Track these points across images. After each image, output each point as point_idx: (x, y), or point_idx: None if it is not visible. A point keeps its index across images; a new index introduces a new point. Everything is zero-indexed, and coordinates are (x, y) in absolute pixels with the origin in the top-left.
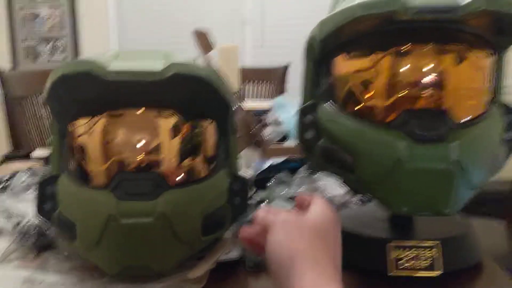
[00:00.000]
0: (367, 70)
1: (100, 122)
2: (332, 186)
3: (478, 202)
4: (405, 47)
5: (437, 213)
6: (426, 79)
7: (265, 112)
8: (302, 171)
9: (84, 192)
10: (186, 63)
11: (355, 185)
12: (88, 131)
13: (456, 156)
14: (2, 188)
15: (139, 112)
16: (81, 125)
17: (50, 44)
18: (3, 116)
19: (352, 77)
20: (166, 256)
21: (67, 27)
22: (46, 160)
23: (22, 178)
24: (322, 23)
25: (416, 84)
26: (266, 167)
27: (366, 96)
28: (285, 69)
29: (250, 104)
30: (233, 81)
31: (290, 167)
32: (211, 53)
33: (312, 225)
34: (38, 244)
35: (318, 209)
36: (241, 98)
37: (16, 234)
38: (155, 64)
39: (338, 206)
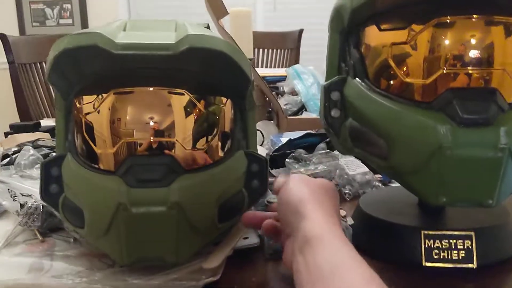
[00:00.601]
0: (405, 43)
1: (108, 100)
2: (352, 164)
3: None
4: (448, 18)
5: (480, 205)
6: (472, 54)
7: (279, 80)
8: (321, 148)
9: (92, 176)
10: (202, 35)
11: (387, 172)
12: (95, 110)
13: (506, 143)
14: (7, 163)
15: (150, 89)
16: (87, 103)
17: (57, 8)
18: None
19: (387, 50)
20: (180, 246)
21: None
22: (52, 131)
23: (28, 153)
24: None
25: (460, 59)
26: (283, 143)
27: (403, 72)
28: (300, 33)
29: (264, 71)
30: (246, 49)
31: (308, 142)
32: (224, 19)
33: (316, 181)
34: (45, 227)
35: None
36: (254, 65)
37: (22, 216)
38: (168, 37)
39: (360, 185)
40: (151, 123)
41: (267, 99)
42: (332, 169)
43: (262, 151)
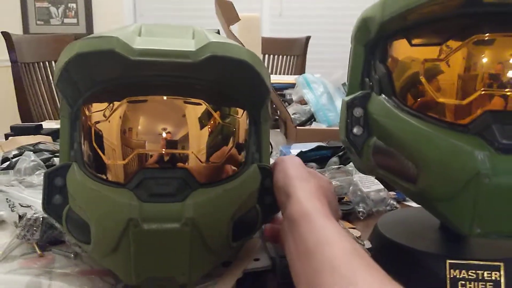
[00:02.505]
0: (439, 60)
1: (120, 108)
2: (367, 181)
3: None
4: (488, 35)
5: None
6: None
7: (287, 87)
8: (333, 162)
9: (101, 189)
10: (223, 43)
11: (415, 197)
12: (106, 118)
13: None
14: (7, 167)
15: (165, 98)
16: (97, 111)
17: (62, 7)
18: (7, 84)
19: (419, 67)
20: (193, 266)
21: None
22: (54, 134)
23: (29, 159)
24: (386, 2)
25: (498, 80)
26: (294, 155)
27: (436, 91)
28: (307, 40)
29: (272, 78)
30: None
31: (319, 155)
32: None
33: (309, 169)
34: (44, 239)
35: None
36: None
37: (20, 228)
38: (187, 44)
39: (374, 203)
40: (165, 134)
41: (273, 106)
42: (346, 185)
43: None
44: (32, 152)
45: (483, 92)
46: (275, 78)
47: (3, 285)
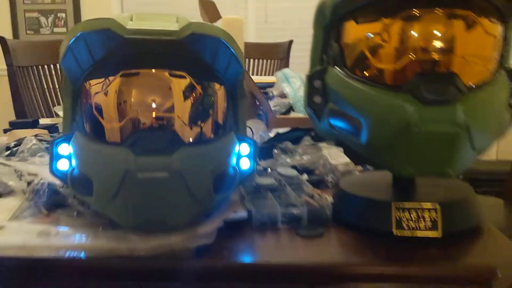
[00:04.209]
0: (377, 35)
1: (116, 81)
2: (335, 155)
3: (481, 181)
4: (415, 11)
5: (442, 175)
6: (435, 44)
7: (269, 86)
8: (306, 140)
9: (102, 148)
10: (202, 23)
11: (362, 149)
12: (105, 90)
13: (463, 119)
14: (9, 154)
15: (153, 71)
16: (97, 84)
17: (52, 16)
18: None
19: (362, 42)
20: (180, 210)
21: (69, 0)
22: (50, 128)
23: (31, 143)
24: None
25: (425, 48)
26: (272, 136)
27: (376, 60)
28: (289, 44)
29: (254, 78)
30: None
31: (295, 136)
32: (217, 23)
33: None
34: (50, 202)
35: None
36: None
37: (28, 193)
38: (172, 25)
39: (342, 174)
40: (155, 101)
41: (257, 103)
42: (316, 159)
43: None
44: (33, 137)
45: (412, 58)
46: (260, 78)
47: (18, 232)
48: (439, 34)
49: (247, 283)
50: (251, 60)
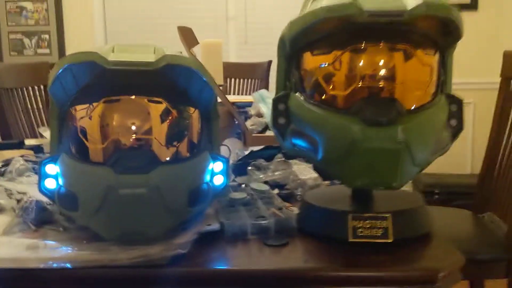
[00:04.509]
0: (329, 65)
1: (99, 106)
2: (304, 171)
3: (457, 194)
4: (361, 45)
5: (387, 187)
6: (379, 73)
7: (248, 105)
8: (278, 158)
9: (86, 168)
10: (176, 55)
11: (319, 165)
12: (89, 114)
13: (403, 138)
14: None
15: (133, 98)
16: (82, 109)
17: (35, 38)
18: None
19: (317, 71)
20: (158, 223)
21: (53, 22)
22: (36, 149)
23: (19, 163)
24: (291, 24)
25: (370, 77)
26: (247, 154)
27: (329, 87)
28: (268, 65)
29: (234, 97)
30: (217, 75)
31: (268, 154)
32: (195, 48)
33: None
34: (38, 219)
35: None
36: (226, 92)
37: (18, 210)
38: (149, 56)
39: (310, 188)
40: (135, 124)
41: (236, 122)
42: (287, 175)
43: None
44: (21, 158)
45: (359, 85)
46: (239, 98)
47: (8, 246)
48: (382, 65)
49: None
50: (232, 79)
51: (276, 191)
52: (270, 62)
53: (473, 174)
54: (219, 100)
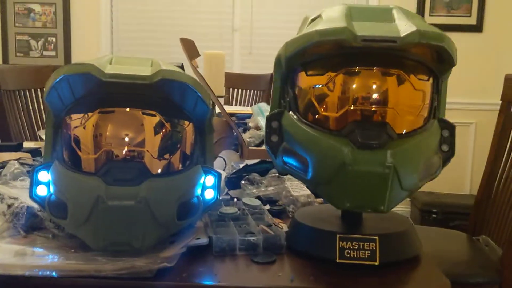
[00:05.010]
0: (323, 86)
1: (94, 117)
2: (297, 187)
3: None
4: (354, 68)
5: (375, 210)
6: (371, 96)
7: (247, 117)
8: (272, 173)
9: (77, 177)
10: (171, 70)
11: (309, 184)
12: (83, 124)
13: (392, 162)
14: None
15: (128, 110)
16: (76, 119)
17: (42, 40)
18: None
19: (311, 91)
20: (145, 234)
21: (60, 25)
22: (34, 152)
23: (14, 167)
24: (287, 44)
25: (362, 100)
26: (241, 167)
27: (322, 108)
28: (271, 76)
29: (234, 108)
30: (218, 86)
31: (262, 168)
32: (197, 59)
33: None
34: (28, 225)
35: None
36: (228, 103)
37: (8, 215)
38: (145, 70)
39: (302, 205)
40: (128, 136)
41: (235, 133)
42: (280, 190)
43: (223, 175)
44: (16, 161)
45: (351, 108)
46: (239, 109)
47: None
48: (374, 89)
49: None
50: (235, 90)
51: (267, 206)
52: (273, 74)
53: (471, 194)
54: (218, 110)
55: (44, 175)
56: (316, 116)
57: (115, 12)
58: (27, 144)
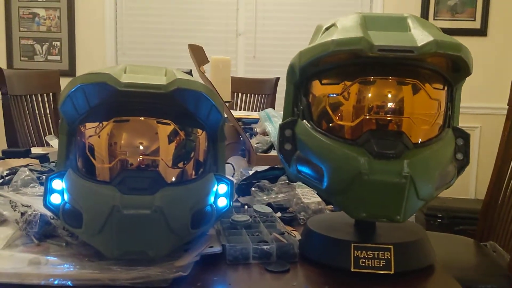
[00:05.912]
0: (338, 95)
1: (109, 126)
2: (308, 194)
3: (460, 218)
4: (370, 78)
5: (391, 220)
6: (387, 106)
7: (254, 122)
8: (282, 179)
9: (92, 186)
10: (187, 79)
11: (323, 193)
12: (98, 133)
13: (408, 172)
14: (1, 183)
15: (142, 119)
16: (91, 127)
17: (47, 44)
18: None
19: (325, 100)
20: (160, 243)
21: (65, 29)
22: (42, 158)
23: (24, 174)
24: (302, 53)
25: (378, 109)
26: (251, 174)
27: (336, 117)
28: (276, 81)
29: (240, 113)
30: (224, 91)
31: (272, 175)
32: (205, 65)
33: None
34: (41, 233)
35: None
36: (233, 108)
37: (21, 223)
38: (160, 79)
39: (313, 212)
40: (143, 145)
41: (241, 138)
42: (291, 198)
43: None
44: (26, 168)
45: (366, 117)
46: (245, 114)
47: (10, 261)
48: (390, 98)
49: None
50: (240, 94)
51: (278, 214)
52: (278, 79)
53: (477, 199)
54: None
55: (58, 184)
56: (331, 125)
57: (119, 16)
58: (35, 150)
